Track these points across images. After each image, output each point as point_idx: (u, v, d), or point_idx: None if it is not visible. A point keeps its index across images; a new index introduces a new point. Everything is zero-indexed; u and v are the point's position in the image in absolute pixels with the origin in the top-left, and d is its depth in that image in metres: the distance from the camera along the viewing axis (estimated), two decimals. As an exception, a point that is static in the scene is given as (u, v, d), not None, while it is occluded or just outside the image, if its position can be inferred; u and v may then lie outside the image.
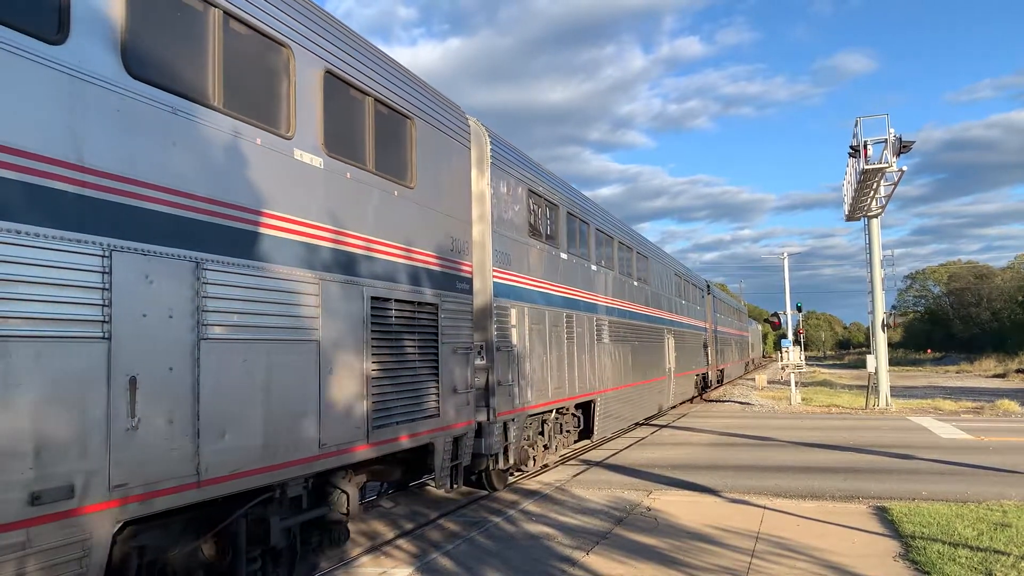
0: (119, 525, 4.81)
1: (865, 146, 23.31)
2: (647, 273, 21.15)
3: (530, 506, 10.43)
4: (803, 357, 59.06)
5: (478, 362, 10.19)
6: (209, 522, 6.04)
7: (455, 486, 9.78)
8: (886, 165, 23.06)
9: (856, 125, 23.87)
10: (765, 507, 10.23)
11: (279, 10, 6.57)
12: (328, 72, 7.17)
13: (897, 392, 29.51)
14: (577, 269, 14.61)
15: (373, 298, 7.64)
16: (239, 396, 5.78)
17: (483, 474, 11.22)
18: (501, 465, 11.29)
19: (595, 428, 15.27)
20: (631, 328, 18.66)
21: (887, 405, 25.37)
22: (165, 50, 5.48)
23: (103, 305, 4.71)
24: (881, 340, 25.95)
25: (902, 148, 22.89)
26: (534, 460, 12.65)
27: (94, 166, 4.76)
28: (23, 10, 4.48)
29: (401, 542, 8.61)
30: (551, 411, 13.20)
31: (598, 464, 14.43)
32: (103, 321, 4.70)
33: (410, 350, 8.36)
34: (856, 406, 26.17)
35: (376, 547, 8.33)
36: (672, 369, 23.47)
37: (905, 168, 23.35)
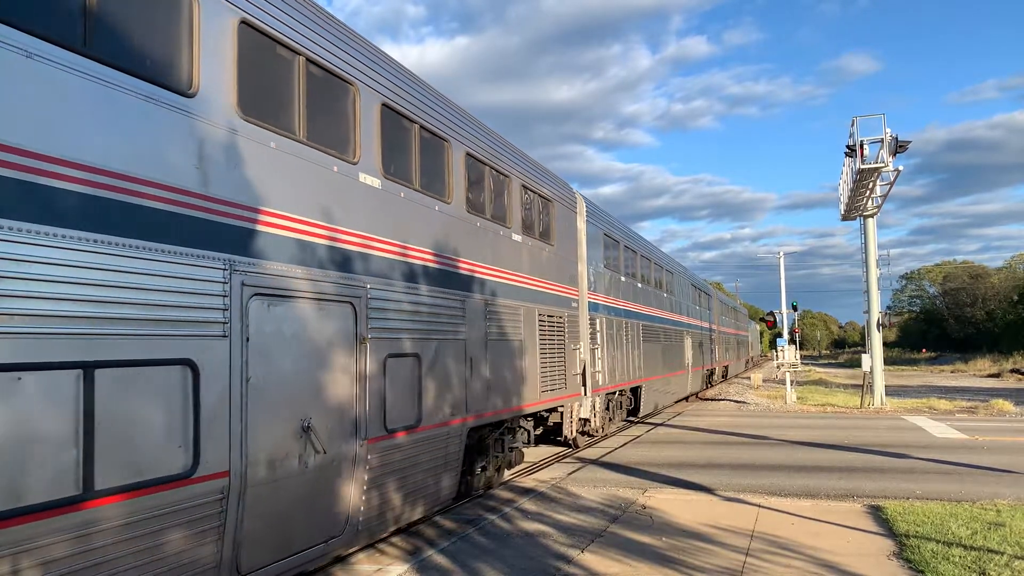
0: (468, 429, 9.71)
1: (861, 146, 23.28)
2: (672, 286, 26.12)
3: (526, 504, 10.44)
4: (798, 356, 59.22)
5: (579, 355, 14.57)
6: (481, 438, 10.80)
7: (573, 435, 15.08)
8: (882, 165, 23.06)
9: (853, 125, 23.87)
10: (760, 506, 10.26)
11: (504, 153, 11.55)
12: (523, 185, 12.11)
13: (892, 391, 29.57)
14: (630, 287, 19.52)
15: (540, 314, 12.47)
16: (498, 370, 10.60)
17: (573, 437, 15.45)
18: (589, 428, 16.01)
19: (641, 406, 20.47)
20: (663, 332, 23.62)
21: (882, 404, 25.43)
22: (477, 197, 10.50)
23: (463, 324, 9.57)
24: (876, 339, 26.00)
25: (898, 148, 22.90)
26: (602, 428, 17.23)
27: (468, 258, 9.95)
28: None
29: (396, 539, 8.62)
30: (615, 392, 17.93)
31: (593, 462, 14.44)
32: (462, 329, 9.54)
33: (553, 345, 13.10)
34: (851, 405, 26.24)
35: (372, 544, 8.32)
36: (689, 364, 28.29)
37: (901, 168, 23.40)
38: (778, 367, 52.54)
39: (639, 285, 20.53)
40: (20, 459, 4.20)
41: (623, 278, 18.69)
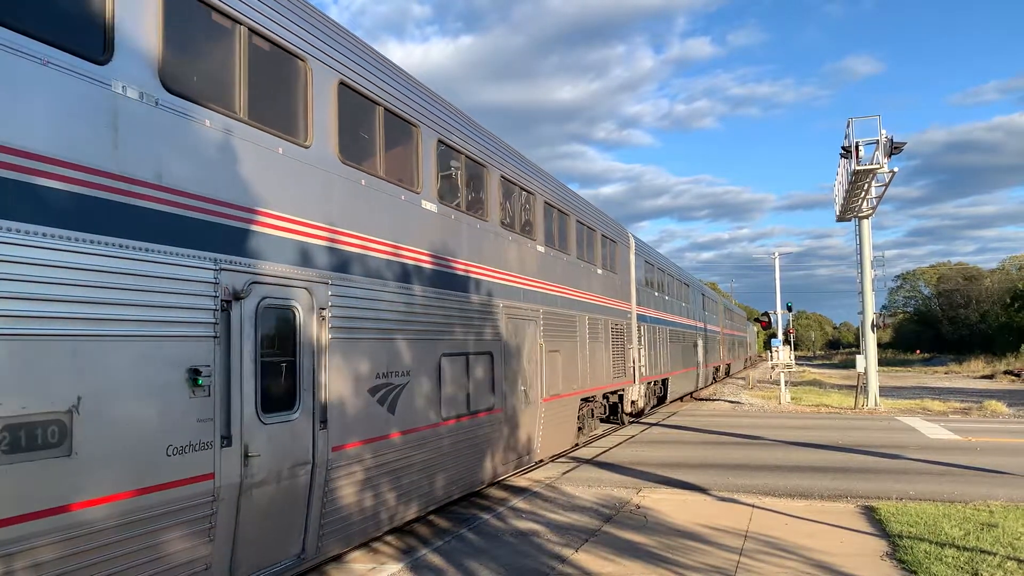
0: (579, 399, 15.24)
1: (857, 147, 23.30)
2: (688, 296, 31.68)
3: (519, 503, 10.43)
4: (793, 357, 59.32)
5: (631, 352, 19.68)
6: (579, 407, 15.28)
7: (628, 412, 20.10)
8: (877, 166, 23.07)
9: (848, 126, 23.87)
10: (754, 506, 10.27)
11: (592, 215, 16.95)
12: (603, 235, 17.44)
13: (886, 392, 29.64)
14: (660, 300, 24.73)
15: (611, 323, 17.61)
16: (592, 361, 15.73)
17: (623, 415, 19.94)
18: (634, 409, 20.69)
19: (668, 394, 25.60)
20: (683, 335, 28.95)
21: (876, 405, 25.49)
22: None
23: (576, 329, 14.89)
24: (870, 340, 26.06)
25: (893, 149, 22.92)
26: (644, 409, 21.84)
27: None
28: None
29: (390, 538, 8.60)
30: (651, 382, 22.86)
31: (588, 462, 14.44)
32: (578, 333, 14.94)
33: (618, 345, 18.21)
34: (845, 406, 26.30)
35: (366, 543, 8.30)
36: (701, 362, 33.63)
37: (896, 169, 23.40)
38: (773, 368, 52.61)
39: (666, 298, 25.94)
40: (448, 395, 9.30)
41: (656, 293, 23.97)
